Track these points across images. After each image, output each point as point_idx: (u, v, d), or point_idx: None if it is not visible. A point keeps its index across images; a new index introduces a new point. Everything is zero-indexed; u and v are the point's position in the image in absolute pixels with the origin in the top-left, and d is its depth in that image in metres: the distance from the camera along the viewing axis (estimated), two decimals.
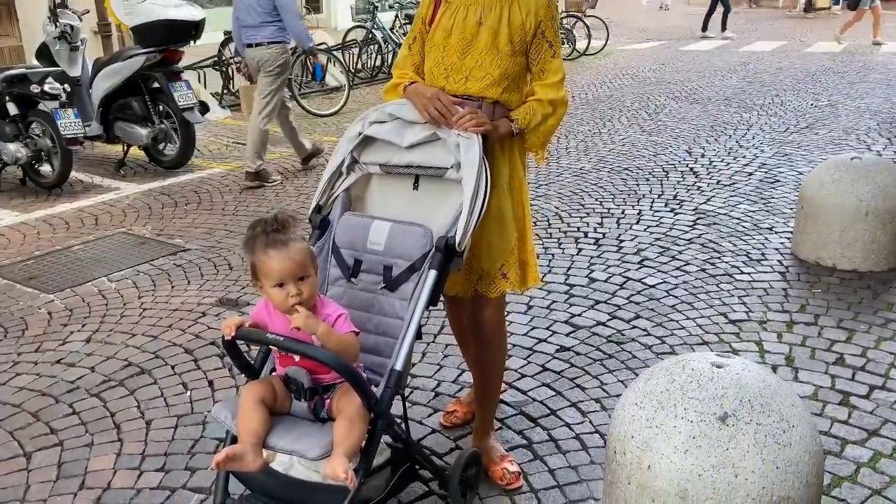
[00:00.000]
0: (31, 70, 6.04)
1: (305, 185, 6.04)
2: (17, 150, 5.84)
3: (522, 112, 2.33)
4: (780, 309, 3.77)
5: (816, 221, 4.24)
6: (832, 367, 3.23)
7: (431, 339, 3.53)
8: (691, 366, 2.01)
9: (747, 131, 7.52)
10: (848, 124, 7.71)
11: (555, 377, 3.21)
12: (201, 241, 4.87)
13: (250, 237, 1.99)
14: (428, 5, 2.43)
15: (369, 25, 11.07)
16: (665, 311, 3.78)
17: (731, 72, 11.28)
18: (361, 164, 2.38)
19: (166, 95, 6.31)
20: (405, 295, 2.19)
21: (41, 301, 4.06)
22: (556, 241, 4.72)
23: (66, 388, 3.22)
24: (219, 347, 3.47)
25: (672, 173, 6.12)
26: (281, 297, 1.94)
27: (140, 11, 6.52)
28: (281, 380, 2.05)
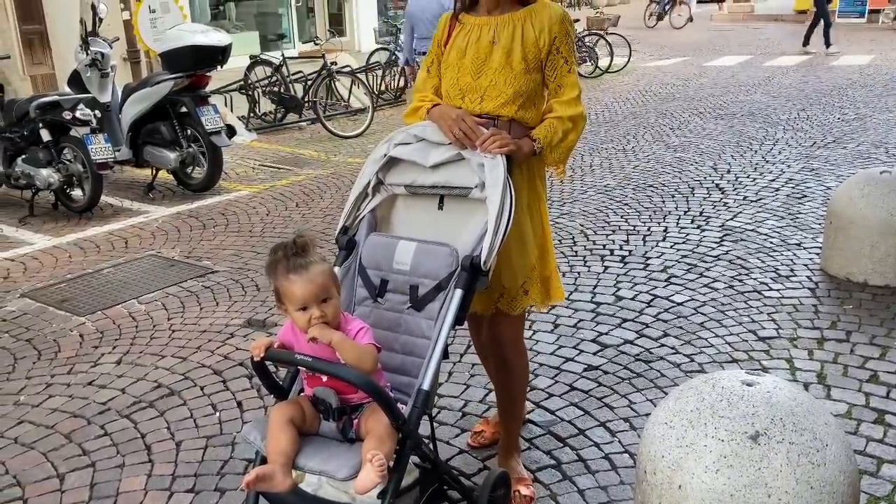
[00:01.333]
0: (63, 97, 6.18)
1: (331, 206, 6.09)
2: (50, 175, 5.96)
3: (543, 131, 2.33)
4: (810, 326, 3.72)
5: (846, 236, 4.19)
6: (866, 384, 3.17)
7: (458, 359, 3.52)
8: (721, 384, 1.99)
9: (773, 146, 7.46)
10: (876, 138, 7.62)
11: (583, 396, 3.19)
12: (229, 263, 4.92)
13: (272, 262, 2.01)
14: (443, 27, 2.46)
15: (393, 48, 11.18)
16: (693, 328, 3.74)
17: (756, 87, 11.21)
18: (387, 185, 2.40)
19: (194, 120, 6.41)
20: (431, 314, 2.19)
21: (73, 323, 4.12)
22: (581, 259, 4.70)
23: (97, 409, 3.26)
24: (247, 368, 3.50)
25: (698, 190, 6.08)
26: (304, 320, 1.96)
27: (168, 38, 6.65)
28: (309, 400, 2.06)
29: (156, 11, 8.42)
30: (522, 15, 2.32)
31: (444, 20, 2.48)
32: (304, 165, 7.58)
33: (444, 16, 2.49)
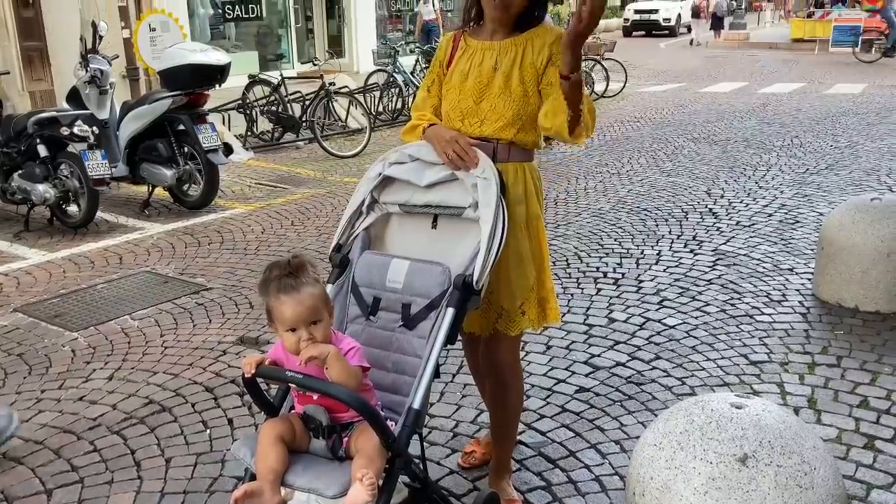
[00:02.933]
0: (61, 113, 6.20)
1: (326, 225, 6.10)
2: (46, 190, 5.97)
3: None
4: (801, 350, 3.74)
5: (837, 262, 4.22)
6: (856, 409, 3.18)
7: (450, 379, 3.52)
8: (710, 406, 2.00)
9: (767, 172, 7.52)
10: (868, 165, 7.69)
11: (574, 418, 3.19)
12: (223, 280, 4.93)
13: (264, 280, 2.02)
14: (445, 48, 2.49)
15: (390, 69, 11.27)
16: (685, 351, 3.76)
17: (750, 113, 11.31)
18: (381, 204, 2.42)
19: (191, 137, 6.43)
20: (423, 333, 2.20)
21: (65, 339, 4.12)
22: (575, 282, 4.72)
23: (87, 425, 3.24)
24: (239, 385, 3.49)
25: (691, 214, 6.12)
26: (293, 341, 1.97)
27: (167, 56, 6.70)
28: (299, 418, 2.06)
29: (156, 30, 8.49)
30: (524, 39, 2.34)
31: (447, 40, 2.50)
32: (301, 184, 7.60)
33: (447, 36, 2.52)
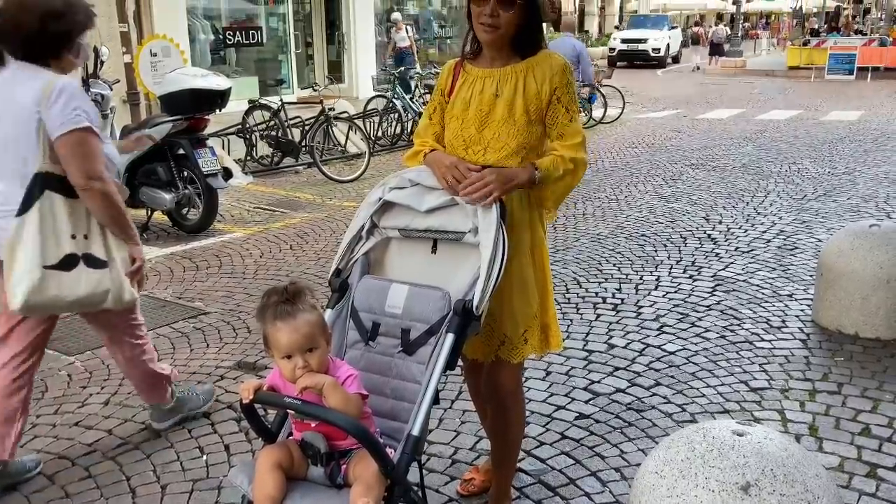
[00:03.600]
0: None
1: (325, 249, 6.10)
2: None
3: (548, 161, 2.30)
4: (802, 377, 3.72)
5: (837, 289, 4.21)
6: (858, 437, 3.16)
7: (449, 405, 3.50)
8: (712, 434, 1.99)
9: (765, 198, 7.54)
10: (866, 192, 7.72)
11: (574, 445, 3.17)
12: (221, 305, 4.91)
13: (262, 306, 2.01)
14: (446, 77, 2.49)
15: (390, 95, 11.34)
16: (685, 378, 3.74)
17: (747, 139, 11.37)
18: (381, 229, 2.42)
19: (191, 162, 6.45)
20: (423, 359, 2.19)
21: (62, 363, 4.09)
22: (574, 307, 4.71)
23: (82, 450, 3.21)
24: (236, 411, 3.46)
25: (690, 240, 6.13)
26: (289, 369, 1.96)
27: (168, 81, 6.74)
28: (298, 444, 2.04)
29: (157, 55, 8.55)
30: (524, 67, 2.34)
31: (448, 69, 2.51)
32: (300, 209, 7.61)
33: (448, 64, 2.53)
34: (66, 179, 2.64)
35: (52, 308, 2.73)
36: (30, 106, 2.58)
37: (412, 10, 20.51)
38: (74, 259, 2.66)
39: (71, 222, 2.66)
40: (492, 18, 2.23)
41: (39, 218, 2.61)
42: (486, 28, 2.26)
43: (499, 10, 2.22)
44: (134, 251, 2.86)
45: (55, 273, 2.63)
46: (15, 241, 2.59)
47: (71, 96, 2.60)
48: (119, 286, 2.79)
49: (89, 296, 2.73)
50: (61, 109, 2.57)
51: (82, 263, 2.68)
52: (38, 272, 2.60)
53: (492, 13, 2.23)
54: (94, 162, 2.65)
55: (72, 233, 2.67)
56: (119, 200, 2.74)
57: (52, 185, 2.62)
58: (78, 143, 2.60)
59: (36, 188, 2.61)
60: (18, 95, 2.60)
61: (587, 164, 2.39)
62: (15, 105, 2.61)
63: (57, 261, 2.64)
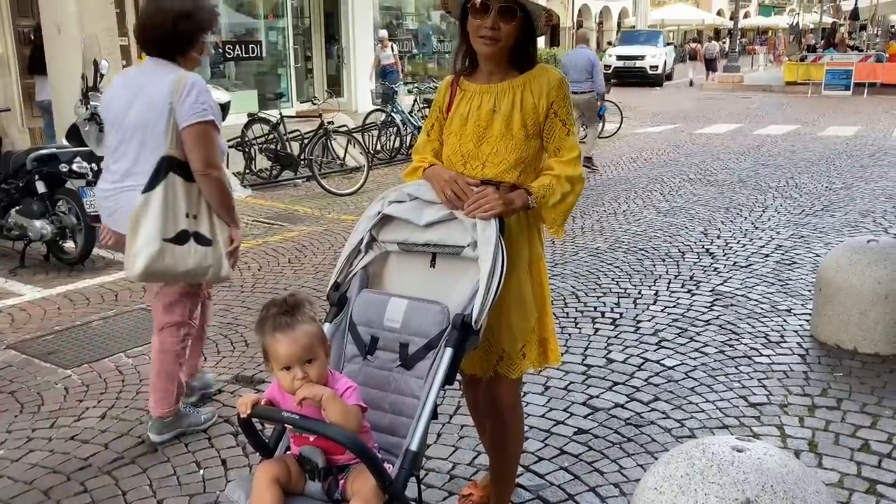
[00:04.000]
0: (60, 150, 6.23)
1: (324, 262, 6.10)
2: (43, 226, 5.96)
3: (541, 186, 2.31)
4: (801, 392, 3.71)
5: (835, 304, 4.21)
6: (857, 453, 3.15)
7: (447, 420, 3.49)
8: (711, 450, 1.98)
9: (763, 213, 7.56)
10: (863, 207, 7.74)
11: (573, 460, 3.15)
12: (219, 318, 4.90)
13: (261, 319, 2.01)
14: (444, 93, 2.50)
15: (389, 109, 11.37)
16: (684, 393, 3.73)
17: (745, 154, 11.41)
18: (380, 243, 2.41)
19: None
20: (421, 373, 2.18)
21: (58, 376, 4.07)
22: (572, 321, 4.70)
23: (78, 465, 3.19)
24: (233, 425, 3.45)
25: (688, 254, 6.13)
26: (288, 381, 1.95)
27: None
28: (295, 459, 2.03)
29: None
30: (521, 81, 2.34)
31: (445, 85, 2.51)
32: (298, 222, 7.61)
33: (445, 81, 2.54)
34: (187, 164, 2.96)
35: (164, 276, 3.05)
36: (164, 97, 2.92)
37: (411, 25, 20.60)
38: (186, 235, 2.98)
39: (186, 202, 2.99)
40: (492, 31, 2.24)
41: (163, 196, 2.93)
42: (487, 41, 2.26)
43: (499, 23, 2.24)
44: (234, 233, 3.18)
45: (170, 246, 2.96)
46: (140, 214, 2.91)
47: (200, 91, 2.95)
48: (219, 263, 3.11)
49: (195, 268, 3.05)
50: (192, 103, 2.92)
51: (192, 240, 3.00)
52: (157, 244, 2.92)
53: (493, 25, 2.23)
54: (214, 151, 2.99)
55: (186, 212, 2.99)
56: (228, 187, 3.09)
57: (175, 168, 2.96)
58: (202, 133, 2.94)
59: (162, 169, 2.94)
60: (153, 87, 2.95)
61: (584, 178, 2.40)
62: (147, 96, 2.96)
63: (173, 235, 2.95)
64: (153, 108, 2.94)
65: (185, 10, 3.01)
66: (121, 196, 3.03)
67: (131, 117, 3.00)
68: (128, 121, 3.01)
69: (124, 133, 3.03)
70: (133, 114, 2.99)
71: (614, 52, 27.28)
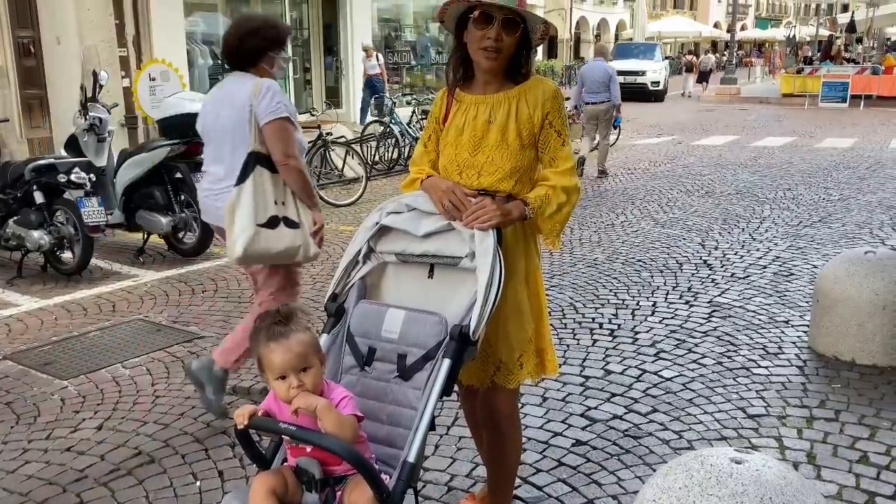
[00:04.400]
0: (59, 160, 6.23)
1: (321, 273, 6.09)
2: (41, 237, 5.96)
3: (538, 197, 2.32)
4: (799, 404, 3.71)
5: (833, 315, 4.21)
6: (856, 465, 3.14)
7: (445, 431, 3.48)
8: (710, 461, 1.97)
9: (760, 224, 7.57)
10: (860, 219, 7.75)
11: (571, 472, 3.14)
12: (216, 329, 4.89)
13: (255, 329, 2.01)
14: (440, 104, 2.51)
15: (387, 120, 11.40)
16: (682, 404, 3.72)
17: (742, 166, 11.44)
18: (378, 253, 2.42)
19: (188, 185, 6.45)
20: (419, 384, 2.18)
21: (55, 387, 4.06)
22: (570, 332, 4.70)
23: (74, 476, 3.18)
24: (230, 437, 3.43)
25: (686, 265, 6.14)
26: (284, 390, 1.95)
27: (167, 105, 6.76)
28: (292, 470, 2.02)
29: (156, 79, 8.59)
30: (517, 92, 2.36)
31: (441, 97, 2.53)
32: None
33: (441, 92, 2.55)
34: (270, 157, 3.28)
35: (262, 258, 3.35)
36: (244, 102, 3.28)
37: (410, 37, 20.68)
38: (276, 220, 3.30)
39: (274, 191, 3.30)
40: (496, 42, 2.25)
41: (253, 187, 3.25)
42: (490, 53, 2.28)
43: (502, 35, 2.25)
44: (316, 216, 3.48)
45: (264, 230, 3.26)
46: (235, 204, 3.23)
47: (275, 93, 3.29)
48: (307, 243, 3.40)
49: (287, 249, 3.35)
50: (268, 103, 3.26)
51: (282, 224, 3.31)
52: (252, 229, 3.23)
53: (497, 37, 2.25)
54: (291, 144, 3.31)
55: (274, 199, 3.30)
56: (307, 175, 3.41)
57: (261, 162, 3.28)
58: (280, 128, 3.27)
59: (250, 164, 3.27)
60: (236, 95, 3.32)
61: (579, 189, 2.41)
62: (232, 103, 3.33)
63: (265, 220, 3.26)
64: (237, 112, 3.30)
65: (252, 28, 3.41)
66: (225, 195, 3.32)
67: (221, 124, 3.38)
68: (219, 127, 3.39)
69: (218, 138, 3.41)
70: (222, 120, 3.36)
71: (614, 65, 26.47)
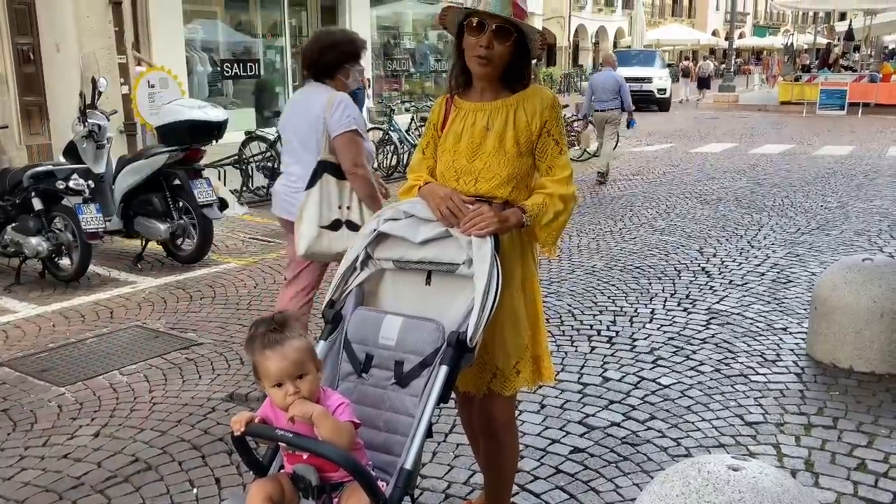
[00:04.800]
0: (57, 167, 6.24)
1: None
2: (39, 243, 5.96)
3: (535, 204, 2.33)
4: (797, 411, 3.70)
5: (831, 322, 4.21)
6: (854, 472, 3.14)
7: (442, 439, 3.47)
8: (707, 468, 1.97)
9: (758, 231, 7.58)
10: (858, 226, 7.76)
11: (569, 479, 3.14)
12: (214, 336, 4.89)
13: (250, 337, 2.01)
14: (438, 111, 2.52)
15: (386, 127, 11.41)
16: (680, 412, 3.72)
17: (741, 173, 11.45)
18: (375, 260, 2.42)
19: (186, 192, 6.46)
20: (416, 391, 2.18)
21: (52, 394, 4.05)
22: (568, 339, 4.70)
23: (70, 483, 3.17)
24: (227, 444, 3.43)
25: (684, 272, 6.14)
26: (280, 396, 1.95)
27: (166, 112, 6.77)
28: (289, 477, 2.02)
29: (155, 86, 8.60)
30: (515, 101, 2.38)
31: (440, 104, 2.54)
32: None
33: (439, 99, 2.56)
34: (338, 166, 3.58)
35: (323, 256, 3.68)
36: (318, 113, 3.59)
37: (409, 45, 20.72)
38: (339, 223, 3.60)
39: (339, 196, 3.59)
40: (487, 50, 2.27)
41: (319, 192, 3.56)
42: (480, 60, 2.29)
43: (494, 43, 2.27)
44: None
45: (327, 232, 3.57)
46: (303, 207, 3.57)
47: (346, 106, 3.58)
48: None
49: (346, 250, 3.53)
50: (339, 116, 3.55)
51: (344, 227, 3.59)
52: (315, 230, 3.55)
53: (487, 45, 2.26)
54: (359, 154, 3.59)
55: (339, 204, 3.59)
56: (373, 182, 3.66)
57: (329, 170, 3.58)
58: (349, 140, 3.56)
59: (318, 172, 3.58)
60: (311, 105, 3.63)
61: (576, 197, 2.42)
62: (308, 113, 3.65)
63: (328, 223, 3.57)
64: (312, 122, 3.63)
65: (332, 42, 3.70)
66: (296, 195, 3.67)
67: (300, 130, 3.70)
68: (298, 133, 3.72)
69: (296, 143, 3.75)
70: (300, 128, 3.69)
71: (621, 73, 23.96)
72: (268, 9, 15.78)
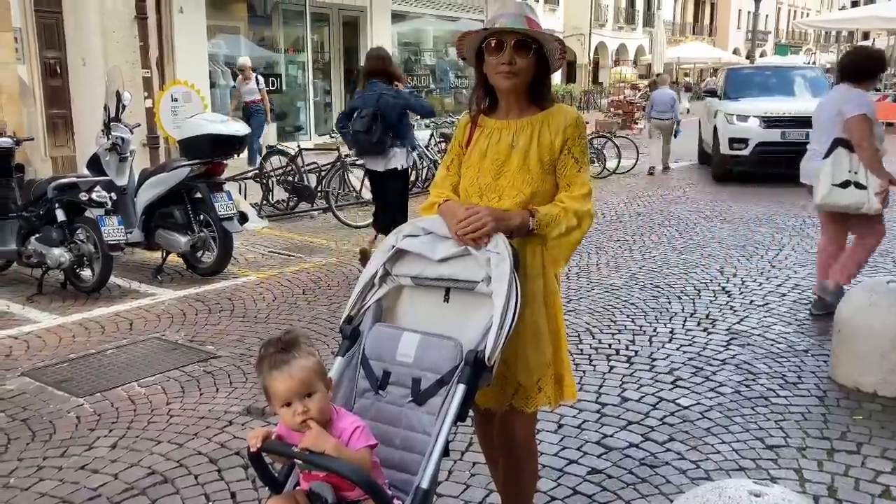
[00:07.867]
0: (81, 179, 6.31)
1: (338, 294, 6.10)
2: (62, 254, 6.02)
3: (547, 213, 2.32)
4: (819, 436, 3.64)
5: (854, 345, 4.15)
6: (878, 499, 3.08)
7: (459, 457, 3.45)
8: (728, 493, 1.94)
9: (780, 251, 7.50)
10: (882, 247, 7.62)
11: (586, 501, 3.10)
12: (232, 349, 4.90)
13: (260, 359, 2.01)
14: (464, 129, 2.54)
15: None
16: (700, 434, 3.67)
17: (763, 192, 11.35)
18: (394, 276, 2.41)
19: (207, 205, 6.51)
20: (433, 409, 2.16)
21: (71, 405, 4.08)
22: (587, 358, 4.66)
23: (87, 495, 3.18)
24: (243, 458, 3.43)
25: (704, 292, 6.09)
26: (289, 416, 1.94)
27: (188, 126, 6.84)
28: (305, 495, 2.01)
29: (178, 100, 8.70)
30: (540, 119, 2.39)
31: (465, 122, 2.55)
32: (313, 253, 7.64)
33: (464, 118, 2.57)
34: (849, 141, 5.02)
35: (833, 207, 5.21)
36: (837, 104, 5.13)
37: (429, 61, 20.84)
38: (848, 183, 5.03)
39: (849, 163, 5.03)
40: (510, 66, 2.29)
41: (832, 160, 5.07)
42: (506, 74, 2.31)
43: (515, 58, 2.29)
44: (881, 183, 5.02)
45: (836, 189, 5.06)
46: (820, 171, 5.10)
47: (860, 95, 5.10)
48: (870, 200, 5.04)
49: (853, 203, 5.08)
50: (853, 105, 5.01)
51: (852, 186, 5.02)
52: (828, 188, 5.07)
53: (509, 60, 2.29)
54: (865, 135, 4.98)
55: (849, 169, 5.02)
56: (876, 155, 5.02)
57: (842, 144, 5.05)
58: (858, 122, 4.98)
59: (833, 146, 5.09)
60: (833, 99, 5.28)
61: (593, 216, 2.41)
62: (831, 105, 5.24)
63: (839, 182, 5.04)
64: (831, 111, 5.15)
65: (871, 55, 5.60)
66: (815, 162, 5.22)
67: (822, 117, 5.24)
68: (822, 119, 5.25)
69: (820, 127, 5.29)
70: (823, 115, 5.26)
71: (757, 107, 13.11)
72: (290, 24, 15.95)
